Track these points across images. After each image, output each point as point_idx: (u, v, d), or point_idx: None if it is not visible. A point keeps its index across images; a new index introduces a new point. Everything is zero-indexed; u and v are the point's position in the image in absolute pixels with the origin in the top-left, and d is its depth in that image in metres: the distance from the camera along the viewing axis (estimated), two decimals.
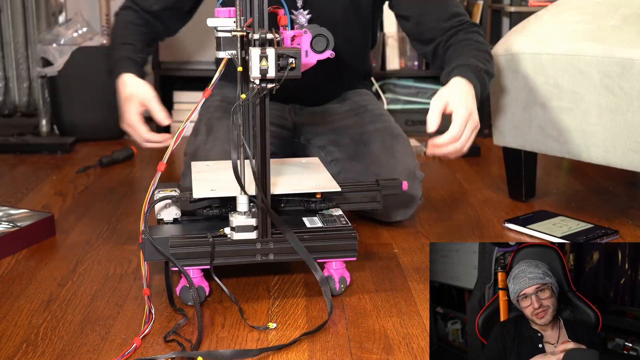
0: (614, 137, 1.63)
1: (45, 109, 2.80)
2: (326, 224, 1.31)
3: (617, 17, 1.68)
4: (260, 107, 1.18)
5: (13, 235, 1.54)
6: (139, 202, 1.95)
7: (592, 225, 1.70)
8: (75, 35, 2.66)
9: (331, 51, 1.21)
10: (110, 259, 1.50)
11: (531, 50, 1.76)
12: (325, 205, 1.36)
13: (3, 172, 2.27)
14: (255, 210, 1.26)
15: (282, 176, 1.38)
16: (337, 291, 1.31)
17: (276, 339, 1.16)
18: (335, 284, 1.31)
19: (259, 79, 1.13)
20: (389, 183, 1.45)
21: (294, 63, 1.12)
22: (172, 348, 1.13)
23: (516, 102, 1.82)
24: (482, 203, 1.92)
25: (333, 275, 1.31)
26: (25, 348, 1.14)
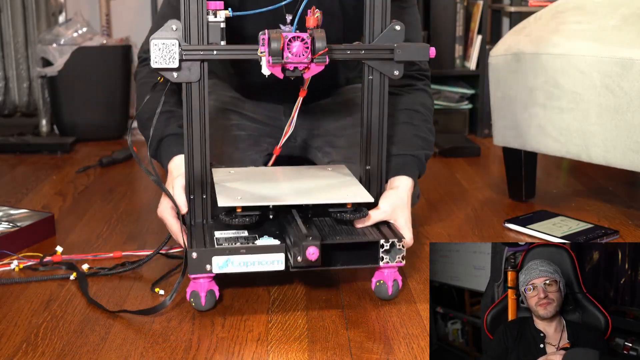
0: (614, 137, 1.63)
1: (45, 109, 2.80)
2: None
3: (617, 17, 1.68)
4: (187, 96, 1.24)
5: (13, 235, 1.54)
6: (139, 202, 1.95)
7: (592, 225, 1.70)
8: (75, 35, 2.66)
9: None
10: (110, 259, 1.50)
11: (531, 50, 1.76)
12: (356, 215, 1.27)
13: (3, 172, 2.27)
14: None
15: (308, 185, 1.33)
16: (390, 295, 1.28)
17: (276, 338, 1.17)
18: (388, 288, 1.28)
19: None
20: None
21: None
22: (172, 347, 1.13)
23: (516, 102, 1.82)
24: (482, 203, 1.92)
25: (385, 280, 1.28)
26: (25, 348, 1.14)
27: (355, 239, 1.23)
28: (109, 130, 2.72)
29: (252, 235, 1.24)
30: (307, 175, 1.40)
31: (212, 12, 1.22)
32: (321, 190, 1.30)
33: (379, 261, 1.23)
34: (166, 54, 1.20)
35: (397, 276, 1.28)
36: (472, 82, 2.84)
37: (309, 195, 1.27)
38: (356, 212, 1.26)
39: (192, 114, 1.26)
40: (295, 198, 1.24)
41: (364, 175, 1.35)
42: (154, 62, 1.20)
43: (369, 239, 1.24)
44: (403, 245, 1.23)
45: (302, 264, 1.15)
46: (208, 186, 1.30)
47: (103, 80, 2.68)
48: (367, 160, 1.34)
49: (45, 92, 2.77)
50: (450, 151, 2.48)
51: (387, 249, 1.23)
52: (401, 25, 1.28)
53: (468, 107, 2.82)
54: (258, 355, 1.12)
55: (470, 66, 2.80)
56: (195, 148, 1.27)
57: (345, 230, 1.27)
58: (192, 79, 1.24)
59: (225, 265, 1.19)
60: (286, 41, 1.18)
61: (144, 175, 2.23)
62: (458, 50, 2.81)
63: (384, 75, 1.30)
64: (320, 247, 1.14)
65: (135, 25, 2.95)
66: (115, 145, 2.57)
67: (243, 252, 1.19)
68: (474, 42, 2.79)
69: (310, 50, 1.20)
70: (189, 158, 1.28)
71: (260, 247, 1.20)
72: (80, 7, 2.91)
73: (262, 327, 1.20)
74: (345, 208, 1.27)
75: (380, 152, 1.34)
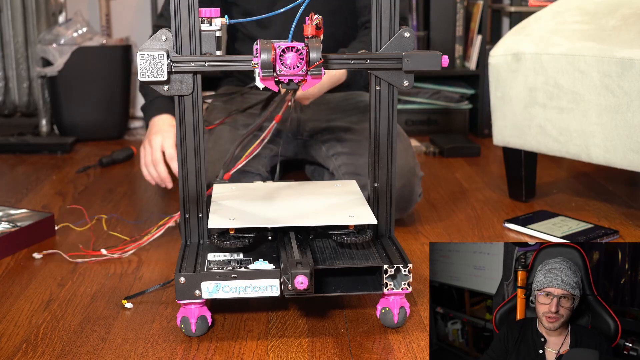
0: (614, 137, 1.63)
1: (45, 109, 2.79)
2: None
3: (617, 17, 1.68)
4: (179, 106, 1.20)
5: (13, 235, 1.54)
6: (138, 202, 1.95)
7: (592, 225, 1.70)
8: (75, 35, 2.66)
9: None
10: (110, 259, 1.50)
11: (531, 50, 1.76)
12: (358, 237, 1.18)
13: (3, 172, 2.27)
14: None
15: (310, 204, 1.25)
16: (396, 324, 1.19)
17: (276, 338, 1.16)
18: (394, 316, 1.18)
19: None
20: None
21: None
22: (172, 347, 1.13)
23: (516, 102, 1.81)
24: (482, 203, 1.92)
25: (391, 308, 1.18)
26: (25, 348, 1.14)
27: (356, 264, 1.15)
28: (109, 130, 2.72)
29: (247, 259, 1.16)
30: (312, 192, 1.32)
31: (207, 20, 1.16)
32: (323, 210, 1.22)
33: (382, 288, 1.15)
34: (154, 66, 1.13)
35: (404, 303, 1.19)
36: (472, 82, 2.84)
37: (308, 217, 1.19)
38: (358, 234, 1.19)
39: (186, 128, 1.20)
40: (292, 219, 1.17)
41: (371, 193, 1.26)
42: (141, 75, 1.13)
43: (372, 264, 1.15)
44: (409, 271, 1.14)
45: (294, 292, 1.09)
46: (204, 204, 1.23)
47: (103, 80, 2.68)
48: (376, 177, 1.25)
49: (45, 92, 2.77)
50: (450, 151, 2.48)
51: (392, 274, 1.15)
52: (411, 32, 1.18)
53: (468, 107, 2.82)
54: (258, 355, 1.12)
55: (470, 66, 2.80)
56: (189, 164, 1.21)
57: (348, 253, 1.19)
58: (185, 91, 1.17)
59: (215, 290, 1.12)
60: (279, 52, 1.09)
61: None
62: (458, 50, 2.81)
63: (393, 86, 1.21)
64: (310, 276, 1.07)
65: (135, 25, 2.95)
66: (115, 145, 2.57)
67: (234, 277, 1.11)
68: (474, 42, 2.79)
69: (305, 61, 1.09)
70: (184, 174, 1.22)
71: (253, 272, 1.12)
72: (80, 7, 2.91)
73: (262, 327, 1.20)
74: (347, 230, 1.20)
75: (389, 168, 1.25)
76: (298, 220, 1.17)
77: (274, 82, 1.12)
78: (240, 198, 1.28)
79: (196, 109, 1.19)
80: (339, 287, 1.17)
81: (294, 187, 1.36)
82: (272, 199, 1.27)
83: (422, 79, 2.83)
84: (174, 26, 1.15)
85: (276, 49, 1.09)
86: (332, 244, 1.23)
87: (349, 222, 1.17)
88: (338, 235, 1.19)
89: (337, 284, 1.18)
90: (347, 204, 1.24)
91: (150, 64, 1.13)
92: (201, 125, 1.20)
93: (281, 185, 1.37)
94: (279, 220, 1.17)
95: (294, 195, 1.30)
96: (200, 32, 1.16)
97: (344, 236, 1.18)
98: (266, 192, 1.32)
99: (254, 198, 1.28)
